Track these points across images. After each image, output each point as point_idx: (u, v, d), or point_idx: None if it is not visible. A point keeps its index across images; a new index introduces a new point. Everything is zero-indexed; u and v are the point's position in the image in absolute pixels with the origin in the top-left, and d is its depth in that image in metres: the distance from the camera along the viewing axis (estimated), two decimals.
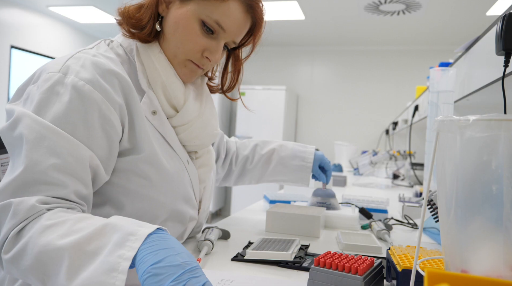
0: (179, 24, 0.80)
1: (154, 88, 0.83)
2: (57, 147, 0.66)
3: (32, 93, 0.72)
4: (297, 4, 4.32)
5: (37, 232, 0.60)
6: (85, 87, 0.70)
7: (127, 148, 0.77)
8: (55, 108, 0.69)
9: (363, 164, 3.01)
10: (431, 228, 1.14)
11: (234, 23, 0.82)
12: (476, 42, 1.18)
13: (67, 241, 0.58)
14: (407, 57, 5.84)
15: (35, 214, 0.62)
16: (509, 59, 0.84)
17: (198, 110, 0.89)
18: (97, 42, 0.84)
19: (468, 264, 0.46)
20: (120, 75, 0.75)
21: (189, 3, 0.80)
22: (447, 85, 1.17)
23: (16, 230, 0.61)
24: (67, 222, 0.61)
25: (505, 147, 0.42)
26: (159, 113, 0.82)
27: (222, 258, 0.83)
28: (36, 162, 0.64)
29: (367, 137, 5.93)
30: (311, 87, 6.33)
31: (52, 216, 0.62)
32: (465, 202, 0.46)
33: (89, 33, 6.14)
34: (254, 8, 0.84)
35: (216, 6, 0.79)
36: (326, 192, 1.29)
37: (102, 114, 0.72)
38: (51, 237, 0.59)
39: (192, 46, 0.81)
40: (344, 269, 0.62)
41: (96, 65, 0.73)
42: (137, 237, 0.56)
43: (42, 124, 0.67)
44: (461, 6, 4.11)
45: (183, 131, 0.87)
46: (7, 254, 0.61)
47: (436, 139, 0.50)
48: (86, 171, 0.69)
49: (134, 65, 0.83)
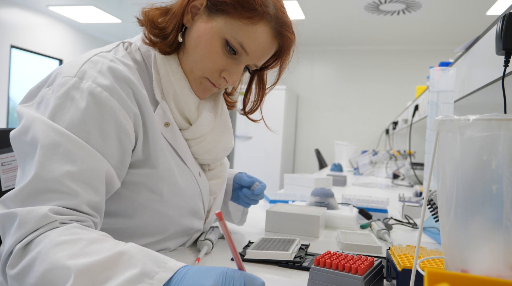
0: (201, 39, 0.76)
1: (167, 99, 0.80)
2: (72, 154, 0.63)
3: (46, 97, 0.69)
4: (297, 4, 4.31)
5: (47, 247, 0.56)
6: (102, 93, 0.68)
7: (141, 159, 0.75)
8: (71, 114, 0.66)
9: (363, 164, 3.01)
10: (431, 228, 1.14)
11: (259, 48, 0.78)
12: (476, 41, 1.18)
13: (77, 262, 0.54)
14: (407, 56, 5.85)
15: (47, 226, 0.59)
16: (509, 59, 0.84)
17: (212, 123, 0.86)
18: (115, 45, 0.80)
19: (468, 263, 0.46)
20: (136, 85, 0.73)
21: (216, 18, 0.76)
22: (447, 84, 1.17)
23: (24, 243, 0.57)
24: (80, 241, 0.57)
25: (505, 146, 0.42)
26: (172, 125, 0.80)
27: (222, 258, 0.83)
28: (49, 170, 0.61)
29: (367, 136, 5.93)
30: (311, 87, 6.33)
31: (65, 231, 0.58)
32: (465, 202, 0.46)
33: (89, 32, 6.14)
34: (284, 35, 0.80)
35: (243, 27, 0.75)
36: (324, 192, 1.29)
37: (119, 123, 0.69)
38: (61, 254, 0.55)
39: (211, 65, 0.78)
40: (344, 269, 0.62)
41: (113, 71, 0.70)
42: (153, 282, 0.53)
43: (57, 130, 0.64)
44: (461, 6, 4.11)
45: (196, 144, 0.84)
46: (13, 269, 0.57)
47: (436, 139, 0.50)
48: (100, 180, 0.67)
49: (151, 74, 0.79)
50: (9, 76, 4.98)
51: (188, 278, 0.54)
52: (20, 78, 5.22)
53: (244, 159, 5.85)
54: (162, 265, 0.55)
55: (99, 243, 0.58)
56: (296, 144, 6.44)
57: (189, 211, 0.83)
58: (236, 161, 5.94)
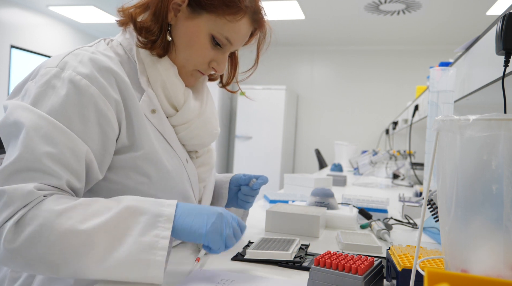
0: (189, 37, 0.82)
1: (154, 87, 0.82)
2: (53, 137, 0.67)
3: (29, 89, 0.73)
4: (297, 3, 4.32)
5: (51, 218, 0.61)
6: (82, 81, 0.71)
7: (126, 145, 0.77)
8: (52, 101, 0.69)
9: (363, 164, 3.01)
10: (431, 228, 1.14)
11: (241, 37, 0.85)
12: (476, 41, 1.18)
13: (89, 225, 0.61)
14: (407, 56, 5.84)
15: (33, 201, 0.62)
16: (509, 59, 0.84)
17: (198, 109, 0.90)
18: (97, 41, 0.84)
19: (468, 263, 0.46)
20: (117, 73, 0.76)
21: (200, 15, 0.81)
22: (447, 84, 1.17)
23: (16, 219, 0.61)
24: (77, 206, 0.63)
25: (505, 146, 0.42)
26: (158, 112, 0.82)
27: (222, 257, 0.83)
28: (31, 149, 0.64)
29: (367, 136, 5.93)
30: (311, 87, 6.33)
31: (57, 201, 0.63)
32: (465, 202, 0.46)
33: (89, 32, 6.14)
34: (259, 20, 0.87)
35: (228, 24, 0.81)
36: (324, 192, 1.29)
37: (99, 109, 0.72)
38: (70, 222, 0.61)
39: (202, 59, 0.84)
40: (344, 269, 0.62)
41: (93, 61, 0.74)
42: (166, 218, 0.64)
43: (38, 114, 0.67)
44: (461, 6, 4.11)
45: (183, 130, 0.87)
46: (13, 243, 0.60)
47: (436, 139, 0.50)
48: (80, 164, 0.70)
49: (134, 64, 0.82)
50: (9, 76, 4.98)
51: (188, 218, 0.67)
52: (20, 78, 5.17)
53: (244, 159, 5.85)
54: (162, 203, 0.67)
55: (93, 203, 0.65)
56: (296, 144, 6.44)
57: (179, 194, 0.84)
58: (236, 161, 5.94)
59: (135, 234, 0.62)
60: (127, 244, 0.62)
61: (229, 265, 0.78)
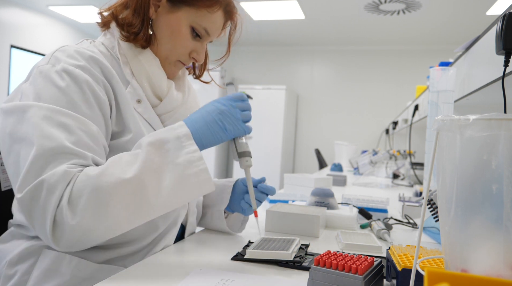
0: (172, 29, 0.87)
1: (139, 78, 0.86)
2: (66, 124, 0.70)
3: (25, 89, 0.75)
4: (297, 3, 4.31)
5: (96, 181, 0.65)
6: (75, 70, 0.75)
7: (115, 131, 0.81)
8: (53, 93, 0.72)
9: (363, 164, 3.01)
10: (431, 228, 1.14)
11: (217, 29, 0.91)
12: (476, 41, 1.18)
13: (131, 172, 0.67)
14: (407, 56, 5.84)
15: (73, 178, 0.66)
16: (509, 59, 0.84)
17: (181, 99, 0.95)
18: (80, 41, 0.87)
19: (468, 263, 0.46)
20: (102, 62, 0.80)
21: (180, 9, 0.86)
22: (447, 84, 1.17)
23: (66, 199, 0.65)
24: (110, 164, 0.68)
25: (505, 146, 0.42)
26: (143, 102, 0.86)
27: (222, 257, 0.83)
28: (50, 138, 0.67)
29: (367, 136, 5.93)
30: (311, 87, 6.33)
31: (90, 169, 0.68)
32: (465, 202, 0.46)
33: (88, 32, 6.14)
34: (231, 12, 0.93)
35: (206, 15, 0.87)
36: (324, 192, 1.29)
37: (96, 94, 0.76)
38: (115, 176, 0.66)
39: (183, 50, 0.89)
40: (344, 269, 0.62)
41: (80, 53, 0.78)
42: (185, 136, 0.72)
43: (44, 107, 0.70)
44: (461, 6, 4.11)
45: (168, 118, 0.91)
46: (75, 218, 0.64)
47: (436, 139, 0.50)
48: (97, 144, 0.74)
49: (117, 60, 0.86)
50: (9, 76, 4.98)
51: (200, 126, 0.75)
52: (20, 78, 5.20)
53: None
54: (174, 128, 0.73)
55: (122, 157, 0.70)
56: (296, 144, 6.44)
57: None
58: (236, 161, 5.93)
59: (171, 161, 0.69)
60: (170, 171, 0.69)
61: (229, 265, 0.78)
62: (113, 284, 0.65)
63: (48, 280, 0.75)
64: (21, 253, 0.79)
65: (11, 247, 0.81)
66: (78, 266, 0.76)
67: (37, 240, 0.80)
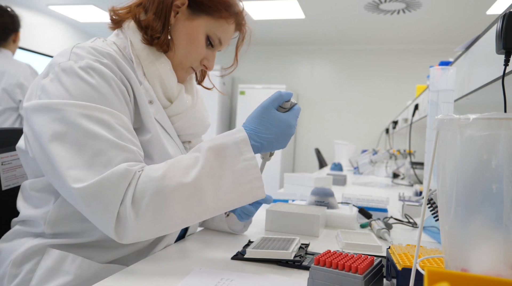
0: (189, 36, 0.89)
1: (151, 79, 0.87)
2: (104, 120, 0.71)
3: (48, 86, 0.74)
4: (297, 3, 4.31)
5: (157, 184, 0.68)
6: (100, 67, 0.76)
7: (135, 128, 0.81)
8: (84, 89, 0.73)
9: (363, 163, 3.01)
10: (431, 227, 1.14)
11: (229, 39, 0.95)
12: (476, 41, 1.18)
13: (191, 176, 0.69)
14: (407, 56, 5.84)
15: (133, 178, 0.69)
16: (509, 58, 0.84)
17: (191, 101, 0.96)
18: (93, 39, 0.87)
19: (468, 262, 0.46)
20: (119, 61, 0.80)
21: (199, 17, 0.88)
22: (447, 84, 1.17)
23: (129, 199, 0.67)
24: (171, 167, 0.70)
25: (505, 146, 0.42)
26: (155, 103, 0.87)
27: (222, 257, 0.83)
28: (93, 136, 0.69)
29: (367, 136, 5.93)
30: (311, 86, 6.33)
31: (151, 170, 0.71)
32: (465, 201, 0.46)
33: (89, 32, 6.14)
34: (242, 24, 0.97)
35: (223, 25, 0.90)
36: (324, 191, 1.29)
37: (122, 90, 0.78)
38: (175, 180, 0.69)
39: (197, 56, 0.91)
40: (344, 268, 0.62)
41: (98, 50, 0.79)
42: (243, 142, 0.74)
43: (77, 104, 0.71)
44: (461, 5, 4.11)
45: (179, 120, 0.93)
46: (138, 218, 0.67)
47: (436, 138, 0.50)
48: (136, 137, 0.76)
49: (129, 60, 0.86)
50: None
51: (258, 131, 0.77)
52: None
53: None
54: (233, 133, 0.75)
55: (182, 160, 0.72)
56: (296, 143, 6.44)
57: None
58: None
59: (229, 167, 0.72)
60: (227, 177, 0.71)
61: (229, 265, 0.78)
62: (114, 282, 0.65)
63: (51, 279, 0.76)
64: (25, 252, 0.79)
65: (15, 246, 0.81)
66: (81, 265, 0.77)
67: (41, 238, 0.80)
